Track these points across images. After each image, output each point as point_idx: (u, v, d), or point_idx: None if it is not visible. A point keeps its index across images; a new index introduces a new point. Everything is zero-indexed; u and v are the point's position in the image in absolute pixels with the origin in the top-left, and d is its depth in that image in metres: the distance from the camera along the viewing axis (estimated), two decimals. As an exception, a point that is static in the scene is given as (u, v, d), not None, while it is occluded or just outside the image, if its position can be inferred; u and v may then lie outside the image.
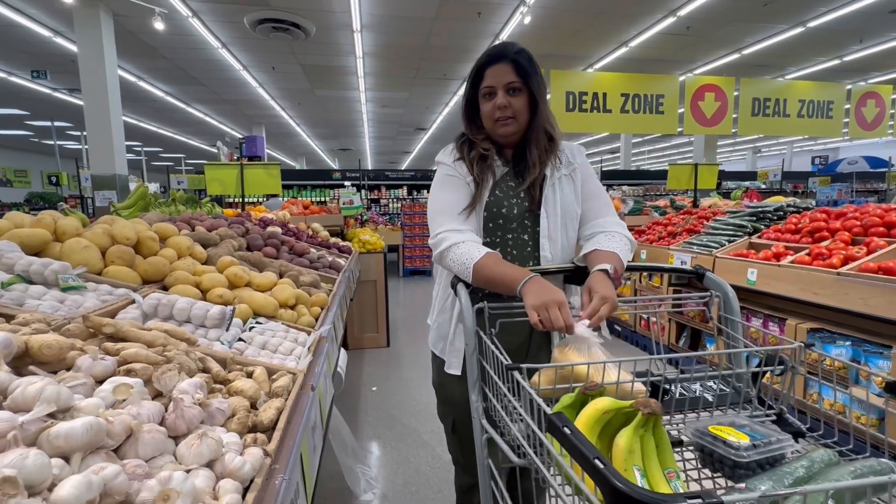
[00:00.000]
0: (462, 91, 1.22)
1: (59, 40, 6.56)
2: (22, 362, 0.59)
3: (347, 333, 3.94)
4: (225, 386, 0.76)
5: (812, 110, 6.99)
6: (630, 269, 1.16)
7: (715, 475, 0.69)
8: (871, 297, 2.02)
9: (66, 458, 0.42)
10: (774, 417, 0.85)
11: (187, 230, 1.79)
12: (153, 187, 6.93)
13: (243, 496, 0.52)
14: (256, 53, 7.31)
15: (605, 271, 1.00)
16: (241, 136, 12.29)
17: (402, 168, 19.89)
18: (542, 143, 1.18)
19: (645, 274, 3.78)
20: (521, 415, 0.73)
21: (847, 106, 6.99)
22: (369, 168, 21.75)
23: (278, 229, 2.81)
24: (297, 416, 0.78)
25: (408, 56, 7.42)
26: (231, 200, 8.47)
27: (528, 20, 5.83)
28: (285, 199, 5.44)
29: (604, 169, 11.49)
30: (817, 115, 7.04)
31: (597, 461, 0.48)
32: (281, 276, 1.57)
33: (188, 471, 0.49)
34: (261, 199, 8.78)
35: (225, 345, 0.94)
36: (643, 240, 3.92)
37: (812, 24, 6.41)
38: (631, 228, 4.43)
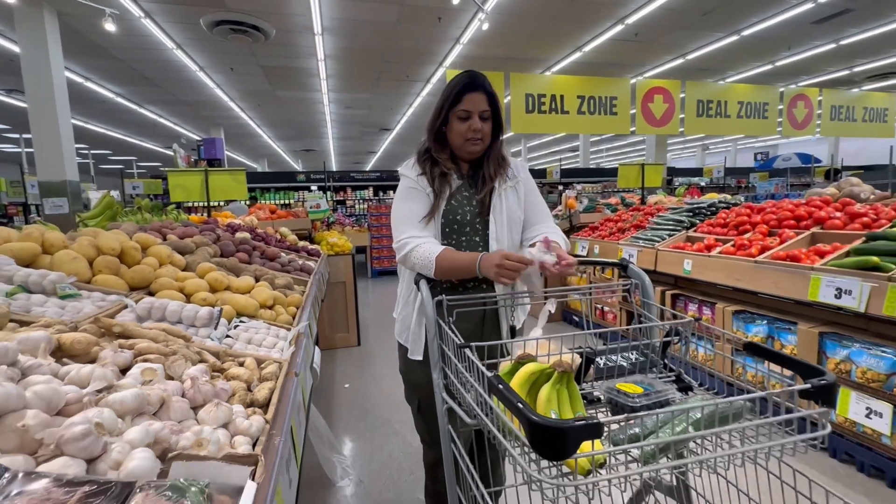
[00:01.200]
0: (425, 91, 1.37)
1: (-1, 40, 6.23)
2: (55, 356, 0.71)
3: (319, 334, 4.03)
4: (222, 374, 0.90)
5: (750, 111, 7.60)
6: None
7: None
8: (780, 281, 2.34)
9: (121, 419, 0.55)
10: (673, 377, 1.07)
11: (158, 237, 1.87)
12: (114, 195, 6.75)
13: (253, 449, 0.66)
14: (214, 55, 7.18)
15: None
16: (198, 138, 11.95)
17: (368, 169, 19.81)
18: (498, 160, 1.40)
19: (598, 267, 4.08)
20: (472, 385, 0.90)
21: (780, 107, 7.65)
22: (334, 169, 21.52)
23: (248, 234, 2.88)
24: (285, 396, 0.93)
25: (370, 59, 7.49)
26: (191, 205, 8.27)
27: (486, 26, 6.05)
28: (247, 202, 5.42)
29: (564, 167, 11.93)
30: (754, 116, 7.65)
31: (519, 405, 0.66)
32: (257, 279, 1.68)
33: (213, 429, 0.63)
34: (222, 203, 8.62)
35: (215, 341, 1.07)
36: (596, 235, 4.22)
37: (746, 32, 6.98)
38: (585, 225, 4.73)
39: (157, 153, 16.59)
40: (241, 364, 0.97)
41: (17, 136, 11.72)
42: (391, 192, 10.92)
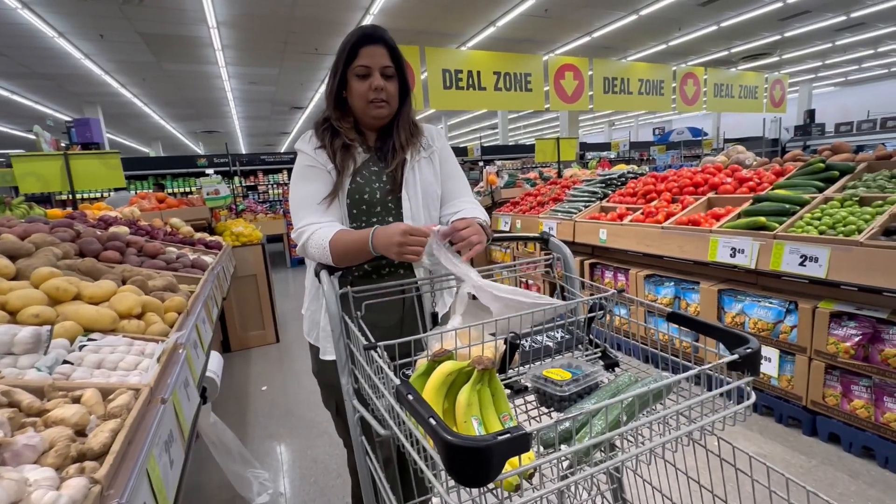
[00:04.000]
0: None
1: None
2: None
3: (229, 334, 3.64)
4: (41, 417, 0.67)
5: (649, 88, 8.16)
6: (494, 240, 1.27)
7: (550, 410, 0.82)
8: (684, 244, 2.48)
9: None
10: (599, 353, 1.02)
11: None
12: None
13: (60, 533, 0.47)
14: (77, 17, 6.05)
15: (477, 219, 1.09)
16: (69, 119, 10.19)
17: (281, 151, 18.50)
18: (409, 127, 1.23)
19: (521, 242, 4.13)
20: (383, 391, 0.76)
21: (674, 84, 8.29)
22: (242, 152, 19.82)
23: (125, 229, 2.44)
24: (141, 434, 0.72)
25: (272, 27, 6.81)
26: (63, 198, 7.07)
27: (396, -6, 5.73)
28: (135, 192, 4.72)
29: (483, 144, 12.06)
30: (653, 93, 8.24)
31: (431, 419, 0.53)
32: (124, 282, 1.38)
33: (-23, 522, 0.43)
34: (105, 195, 7.47)
35: (43, 371, 0.81)
36: (517, 210, 4.26)
37: (643, 11, 7.39)
38: (507, 200, 4.76)
39: (16, 139, 13.98)
40: (77, 400, 0.74)
41: None
42: (308, 175, 10.23)
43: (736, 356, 0.66)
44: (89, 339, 0.99)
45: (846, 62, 12.55)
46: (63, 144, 5.02)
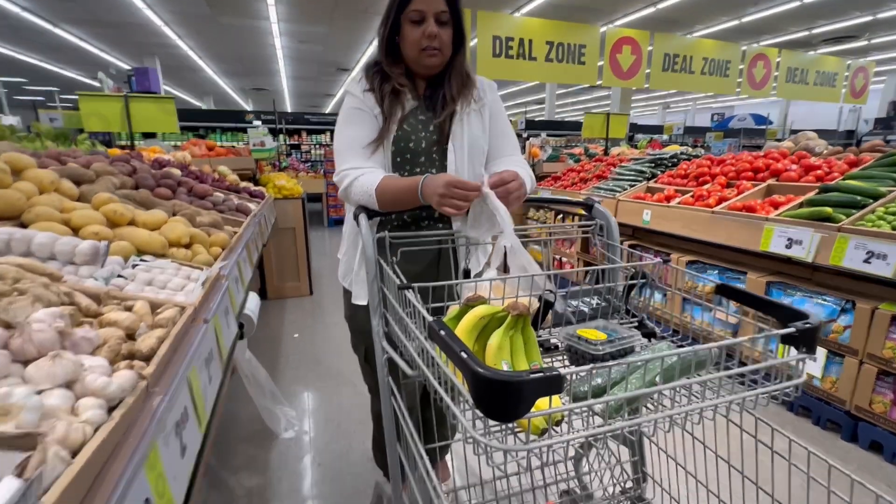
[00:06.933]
0: None
1: None
2: None
3: (267, 283, 3.80)
4: (96, 319, 0.71)
5: (713, 68, 7.57)
6: (529, 201, 1.24)
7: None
8: (734, 231, 2.34)
9: None
10: (636, 323, 0.99)
11: (56, 166, 1.56)
12: (10, 120, 5.87)
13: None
14: (139, -35, 6.18)
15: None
16: (129, 68, 10.62)
17: (326, 112, 18.68)
18: (461, 78, 1.19)
19: (560, 218, 4.03)
20: (414, 333, 0.77)
21: (741, 66, 7.66)
22: (288, 111, 20.14)
23: (177, 171, 2.55)
24: (184, 346, 0.76)
25: (324, -17, 6.73)
26: (123, 142, 7.45)
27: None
28: (185, 141, 4.89)
29: (529, 118, 11.69)
30: (717, 74, 7.64)
31: (462, 353, 0.53)
32: (174, 215, 1.44)
33: (40, 392, 0.46)
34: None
35: (100, 281, 0.87)
36: (558, 185, 4.14)
37: (718, -18, 6.78)
38: (549, 175, 4.63)
39: (82, 84, 14.72)
40: (129, 309, 0.78)
41: None
42: (349, 137, 10.30)
43: (793, 329, 0.61)
44: (141, 260, 1.04)
45: (947, 51, 11.18)
46: (124, 92, 5.24)
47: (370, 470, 1.76)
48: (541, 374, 0.47)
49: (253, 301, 1.87)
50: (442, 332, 0.58)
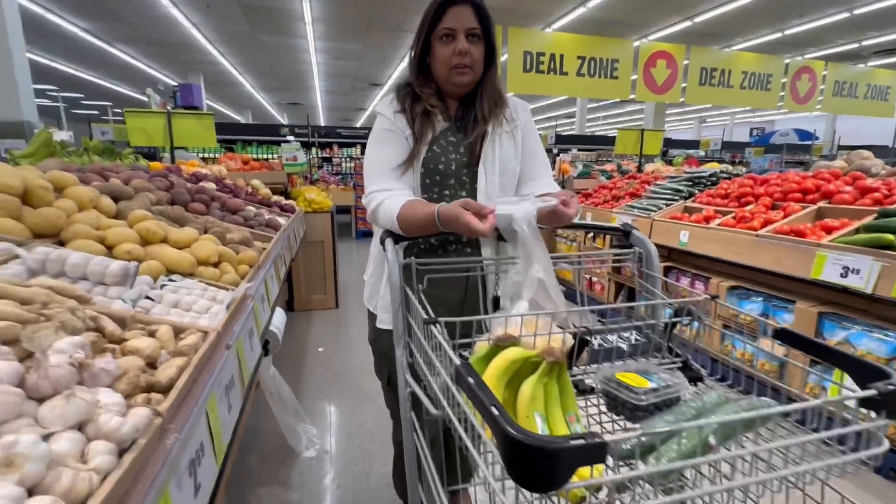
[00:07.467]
0: None
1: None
2: None
3: (294, 295, 3.84)
4: (119, 345, 0.70)
5: (753, 82, 7.32)
6: (564, 226, 1.18)
7: (618, 418, 0.73)
8: (782, 256, 2.19)
9: None
10: (680, 364, 0.91)
11: (99, 182, 1.62)
12: (63, 135, 6.21)
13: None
14: (187, -12, 6.55)
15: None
16: (175, 84, 11.18)
17: (357, 125, 19.10)
18: (493, 97, 1.16)
19: (589, 236, 3.92)
20: (439, 369, 0.73)
21: (784, 80, 7.36)
22: (321, 125, 20.71)
23: (213, 185, 2.62)
24: (204, 375, 0.74)
25: (360, 2, 6.93)
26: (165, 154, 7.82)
27: (485, -30, 5.55)
28: (222, 153, 5.07)
29: (559, 133, 11.59)
30: (757, 87, 7.38)
31: (493, 408, 0.48)
32: (205, 232, 1.46)
33: (50, 435, 0.44)
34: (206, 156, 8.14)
35: (128, 303, 0.87)
36: (589, 202, 4.03)
37: (760, -6, 6.58)
38: (579, 191, 4.53)
39: (132, 99, 15.65)
40: (153, 334, 0.77)
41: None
42: (379, 151, 10.46)
43: (874, 392, 0.53)
44: (170, 280, 1.05)
45: None
46: (168, 107, 5.50)
47: (391, 498, 1.71)
48: (583, 442, 0.42)
49: (279, 317, 1.87)
50: (470, 380, 0.53)
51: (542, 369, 0.58)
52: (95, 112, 17.98)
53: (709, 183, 3.35)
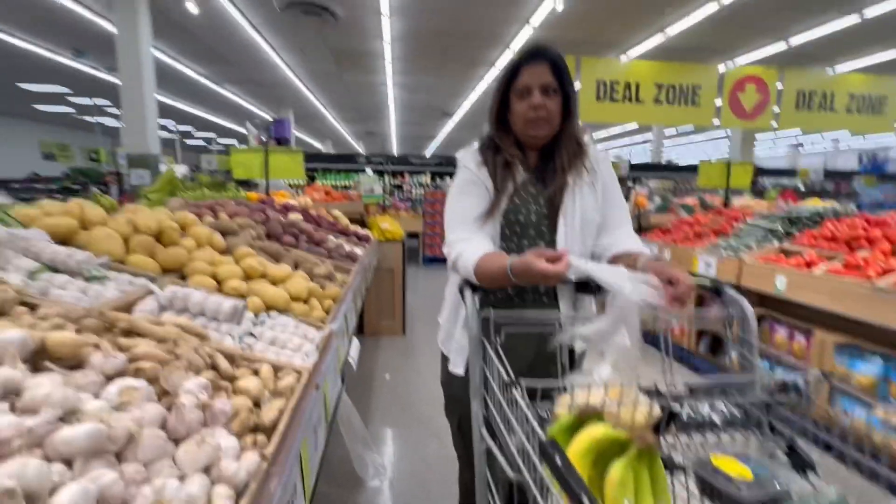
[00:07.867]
0: (490, 76, 1.19)
1: (99, 20, 6.74)
2: (40, 357, 0.62)
3: (364, 320, 4.01)
4: (231, 383, 0.79)
5: (862, 105, 6.61)
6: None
7: (714, 507, 0.68)
8: (908, 313, 1.91)
9: (70, 462, 0.44)
10: (787, 450, 0.82)
11: (210, 217, 1.85)
12: (182, 170, 7.09)
13: (237, 501, 0.53)
14: (286, 36, 7.34)
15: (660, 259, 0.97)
16: (269, 117, 12.42)
17: (427, 154, 19.84)
18: (571, 148, 1.17)
19: (668, 274, 3.68)
20: (516, 428, 0.72)
21: (902, 101, 6.54)
22: (394, 153, 21.78)
23: (300, 216, 2.85)
24: (298, 416, 0.80)
25: (435, 41, 7.31)
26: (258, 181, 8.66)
27: (560, 6, 5.64)
28: (307, 182, 5.50)
29: (633, 162, 11.15)
30: (867, 111, 6.65)
31: (584, 497, 0.47)
32: (296, 266, 1.60)
33: (183, 476, 0.51)
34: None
35: (235, 339, 0.97)
36: (668, 239, 3.81)
37: (869, 12, 5.98)
38: (656, 227, 4.30)
39: (232, 130, 17.62)
40: (256, 373, 0.86)
41: (116, 111, 12.89)
42: (448, 178, 10.77)
43: None
44: (268, 316, 1.16)
45: None
46: (263, 139, 6.13)
47: (452, 540, 1.68)
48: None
49: (354, 347, 1.96)
50: (558, 460, 0.53)
51: (632, 454, 0.56)
52: (203, 142, 20.42)
53: (811, 223, 3.03)
